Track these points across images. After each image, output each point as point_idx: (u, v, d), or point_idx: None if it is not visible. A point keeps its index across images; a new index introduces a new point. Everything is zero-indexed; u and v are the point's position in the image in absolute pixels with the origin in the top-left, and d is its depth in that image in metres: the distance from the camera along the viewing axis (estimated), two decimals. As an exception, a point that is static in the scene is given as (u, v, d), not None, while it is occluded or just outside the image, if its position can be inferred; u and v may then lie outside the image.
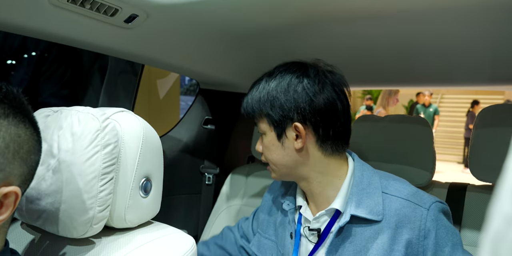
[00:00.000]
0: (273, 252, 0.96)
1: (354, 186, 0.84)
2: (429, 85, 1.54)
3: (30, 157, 0.57)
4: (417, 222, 0.78)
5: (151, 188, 0.77)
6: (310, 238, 0.88)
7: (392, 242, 0.78)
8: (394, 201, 0.81)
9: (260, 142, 0.92)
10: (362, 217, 0.80)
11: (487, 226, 0.18)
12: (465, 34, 0.93)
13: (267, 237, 1.00)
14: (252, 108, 0.89)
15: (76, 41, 1.00)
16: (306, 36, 1.07)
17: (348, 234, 0.82)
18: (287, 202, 0.95)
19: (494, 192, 0.78)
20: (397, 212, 0.80)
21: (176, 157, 1.54)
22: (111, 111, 0.76)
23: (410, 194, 0.82)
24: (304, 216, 0.89)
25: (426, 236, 0.77)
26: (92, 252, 0.69)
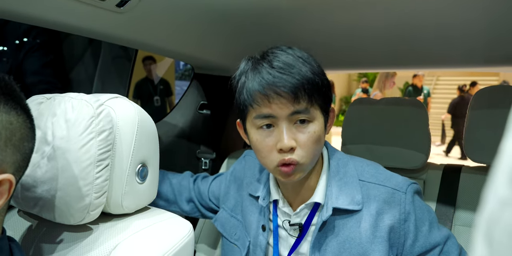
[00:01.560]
0: (237, 231, 0.95)
1: (332, 177, 0.83)
2: (425, 66, 1.54)
3: (23, 144, 0.56)
4: (396, 206, 0.79)
5: (147, 174, 0.77)
6: (290, 232, 0.86)
7: (374, 229, 0.79)
8: (371, 188, 0.81)
9: (294, 134, 0.75)
10: (343, 208, 0.79)
11: (482, 208, 0.18)
12: (461, 15, 0.92)
13: (233, 216, 0.97)
14: (306, 91, 0.73)
15: (67, 26, 0.98)
16: (301, 19, 1.06)
17: (330, 226, 0.81)
18: (261, 195, 0.90)
19: (489, 174, 0.78)
20: (376, 199, 0.80)
21: (172, 142, 1.54)
22: (105, 97, 0.75)
23: (386, 179, 0.82)
24: (283, 210, 0.87)
25: (406, 219, 0.79)
26: (90, 238, 0.70)
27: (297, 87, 0.72)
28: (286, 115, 0.73)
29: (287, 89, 0.71)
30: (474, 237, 0.18)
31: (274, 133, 0.75)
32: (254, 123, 0.77)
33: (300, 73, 0.73)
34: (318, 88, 0.75)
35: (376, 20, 0.98)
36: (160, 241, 0.69)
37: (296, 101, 0.72)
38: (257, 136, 0.77)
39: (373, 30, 1.04)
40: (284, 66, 0.73)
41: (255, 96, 0.74)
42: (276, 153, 0.75)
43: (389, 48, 1.20)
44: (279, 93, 0.72)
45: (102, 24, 0.99)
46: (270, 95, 0.72)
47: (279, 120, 0.74)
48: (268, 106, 0.73)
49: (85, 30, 1.03)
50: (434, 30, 1.01)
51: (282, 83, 0.72)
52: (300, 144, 0.74)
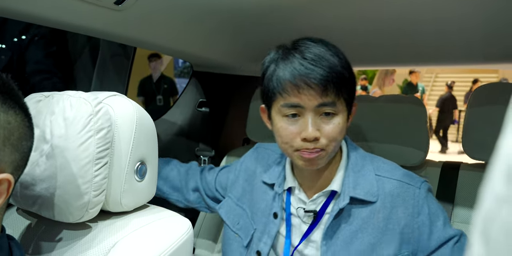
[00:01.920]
0: (240, 220, 0.95)
1: (350, 168, 0.85)
2: (425, 63, 1.54)
3: (22, 143, 0.56)
4: (410, 200, 0.81)
5: (146, 172, 0.77)
6: (304, 219, 0.88)
7: (387, 222, 0.80)
8: (387, 183, 0.83)
9: (319, 125, 0.77)
10: (360, 198, 0.81)
11: (479, 205, 0.18)
12: (460, 12, 0.92)
13: (238, 205, 0.98)
14: (334, 84, 0.75)
15: (65, 24, 0.98)
16: (300, 17, 1.05)
17: (345, 214, 0.83)
18: (276, 182, 0.91)
19: (487, 171, 0.78)
20: (390, 193, 0.82)
21: (171, 140, 1.54)
22: (103, 95, 0.75)
23: (401, 175, 0.85)
24: (299, 197, 0.89)
25: (419, 212, 0.80)
26: (89, 236, 0.70)
27: (327, 79, 0.74)
28: (313, 106, 0.76)
29: (317, 81, 0.74)
30: (471, 235, 0.18)
31: (299, 122, 0.78)
32: (281, 110, 0.79)
33: (331, 66, 0.75)
34: (346, 81, 0.77)
35: (375, 15, 0.98)
36: (159, 239, 0.70)
37: (324, 94, 0.75)
38: (282, 123, 0.80)
39: (373, 26, 1.04)
40: (315, 58, 0.75)
41: (285, 85, 0.76)
42: (299, 141, 0.78)
43: (389, 44, 1.19)
44: (309, 84, 0.74)
45: (100, 22, 0.99)
46: (301, 85, 0.74)
47: (306, 111, 0.77)
48: (297, 96, 0.76)
49: (83, 28, 1.02)
50: (432, 25, 1.01)
51: (313, 75, 0.74)
52: (324, 134, 0.77)
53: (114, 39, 1.21)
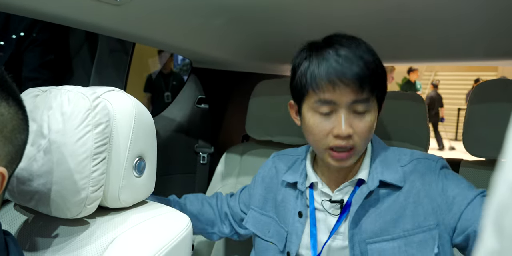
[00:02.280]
0: (270, 228, 0.96)
1: (375, 158, 0.86)
2: (425, 60, 1.53)
3: (15, 136, 0.55)
4: (427, 171, 0.83)
5: (144, 168, 0.76)
6: (330, 210, 0.87)
7: (407, 195, 0.81)
8: (408, 167, 0.84)
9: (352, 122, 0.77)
10: (388, 182, 0.82)
11: (491, 196, 0.17)
12: (462, 6, 0.91)
13: (264, 213, 0.99)
14: (369, 82, 0.76)
15: (64, 19, 0.97)
16: (299, 13, 1.05)
17: (373, 199, 0.83)
18: (299, 181, 0.91)
19: (488, 167, 0.78)
20: (413, 173, 0.83)
21: (170, 137, 1.53)
22: (101, 90, 0.74)
23: (419, 154, 0.87)
24: (323, 191, 0.88)
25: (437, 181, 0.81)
26: (87, 232, 0.69)
27: (362, 77, 0.74)
28: (347, 103, 0.76)
29: (353, 78, 0.74)
30: (482, 226, 0.17)
31: (332, 119, 0.78)
32: (313, 107, 0.79)
33: (365, 63, 0.75)
34: (379, 78, 0.78)
35: (376, 11, 0.97)
36: (158, 235, 0.69)
37: (360, 91, 0.75)
38: (314, 120, 0.80)
39: (373, 22, 1.03)
40: (350, 55, 0.75)
41: (320, 82, 0.76)
42: (331, 138, 0.78)
43: (388, 41, 1.19)
44: (345, 81, 0.74)
45: (99, 17, 0.98)
46: (336, 82, 0.75)
47: (339, 107, 0.77)
48: (331, 92, 0.76)
49: (81, 23, 1.02)
50: (433, 21, 1.00)
51: (349, 72, 0.74)
52: (357, 131, 0.77)
53: (113, 35, 1.20)
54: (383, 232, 0.81)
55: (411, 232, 0.79)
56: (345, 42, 0.78)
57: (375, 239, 0.81)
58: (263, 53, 1.48)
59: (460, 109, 8.94)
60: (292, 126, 1.35)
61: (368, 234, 0.82)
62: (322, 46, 0.79)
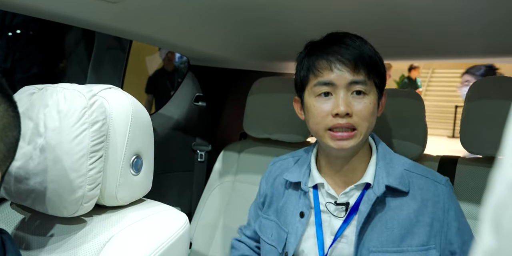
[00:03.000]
0: (273, 232, 0.96)
1: (380, 161, 0.87)
2: (422, 58, 1.53)
3: (7, 134, 0.54)
4: (440, 196, 0.83)
5: (142, 166, 0.76)
6: (335, 213, 0.87)
7: (418, 213, 0.82)
8: (415, 177, 0.85)
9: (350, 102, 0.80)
10: (393, 187, 0.82)
11: (489, 194, 0.17)
12: (459, 4, 0.91)
13: (266, 217, 0.99)
14: (366, 63, 0.80)
15: (60, 16, 0.96)
16: (298, 11, 1.04)
17: (378, 205, 0.83)
18: (302, 180, 0.91)
19: (485, 165, 0.78)
20: (420, 186, 0.84)
21: (167, 134, 1.53)
22: (98, 88, 0.74)
23: (426, 172, 0.87)
24: (328, 192, 0.88)
25: (449, 209, 0.82)
26: (84, 231, 0.69)
27: (357, 57, 0.79)
28: (345, 83, 0.79)
29: (350, 57, 0.79)
30: (481, 225, 0.17)
31: (332, 101, 0.81)
32: (314, 90, 0.83)
33: (361, 48, 0.81)
34: (376, 65, 0.82)
35: (372, 7, 0.96)
36: (155, 233, 0.69)
37: (356, 71, 0.79)
38: (315, 103, 0.83)
39: (370, 19, 1.03)
40: (346, 41, 0.82)
41: (318, 63, 0.81)
42: (331, 118, 0.80)
43: (385, 38, 1.18)
44: (341, 60, 0.79)
45: (94, 14, 0.97)
46: (333, 61, 0.80)
47: (338, 88, 0.80)
48: (329, 72, 0.80)
49: (77, 20, 1.01)
50: (431, 18, 1.00)
51: (346, 52, 0.80)
52: (356, 112, 0.80)
53: (109, 32, 1.19)
54: (389, 244, 0.81)
55: (415, 248, 0.80)
56: (342, 35, 0.84)
57: (380, 248, 0.81)
58: (261, 51, 1.47)
59: (457, 106, 8.96)
60: (290, 124, 1.35)
61: (374, 243, 0.82)
62: (324, 42, 0.85)
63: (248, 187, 1.42)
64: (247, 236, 1.10)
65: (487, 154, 1.06)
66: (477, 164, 1.10)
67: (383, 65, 0.86)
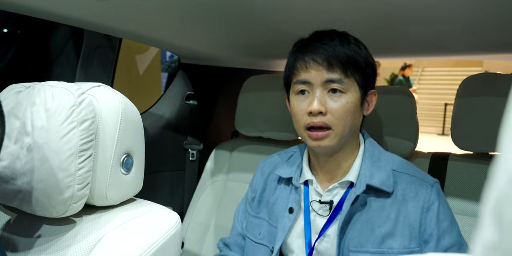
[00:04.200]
0: (261, 230, 0.95)
1: (367, 159, 0.87)
2: (410, 55, 1.54)
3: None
4: (422, 195, 0.83)
5: (132, 165, 0.75)
6: (319, 211, 0.87)
7: (398, 213, 0.82)
8: (401, 177, 0.85)
9: (325, 101, 0.81)
10: (376, 187, 0.82)
11: (489, 187, 0.17)
12: (448, 4, 0.91)
13: (255, 216, 0.98)
14: (341, 61, 0.80)
15: (48, 13, 0.95)
16: (287, 9, 1.03)
17: (359, 204, 0.84)
18: (294, 176, 0.91)
19: (476, 161, 0.78)
20: (404, 186, 0.84)
21: (158, 133, 1.51)
22: (87, 86, 0.72)
23: (415, 172, 0.87)
24: (316, 190, 0.89)
25: (429, 208, 0.82)
26: (73, 231, 0.68)
27: (331, 56, 0.81)
28: (320, 82, 0.81)
29: (323, 56, 0.81)
30: (481, 218, 0.17)
31: (309, 99, 0.83)
32: (294, 89, 0.86)
33: (337, 46, 0.82)
34: (355, 62, 0.82)
35: (362, 4, 0.96)
36: (147, 232, 0.68)
37: (331, 69, 0.80)
38: (294, 101, 0.86)
39: (359, 16, 1.03)
40: (326, 40, 0.83)
41: (296, 63, 0.85)
42: (307, 116, 0.82)
43: (374, 35, 1.18)
44: (316, 60, 0.81)
45: (83, 12, 0.96)
46: (308, 61, 0.82)
47: (314, 87, 0.82)
48: (305, 71, 0.82)
49: (66, 18, 0.99)
50: (420, 15, 1.00)
51: (320, 51, 0.81)
52: (331, 110, 0.81)
53: (98, 30, 1.17)
54: (369, 244, 0.81)
55: (396, 250, 0.80)
56: (324, 33, 0.86)
57: (359, 248, 0.81)
58: (252, 49, 1.47)
59: (447, 104, 9.04)
60: (281, 121, 1.35)
61: (354, 243, 0.82)
62: (307, 41, 0.87)
63: (240, 185, 1.41)
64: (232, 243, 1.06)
65: (478, 150, 1.07)
66: (468, 160, 1.11)
67: (368, 63, 0.85)
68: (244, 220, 1.04)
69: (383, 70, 9.07)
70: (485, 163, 1.08)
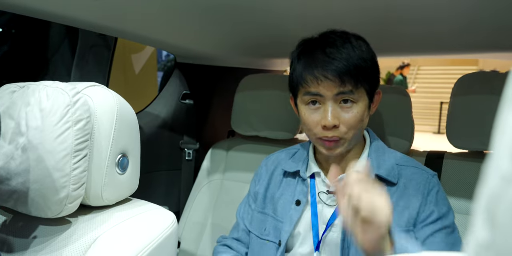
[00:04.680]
0: (266, 226, 0.95)
1: (373, 152, 0.91)
2: (408, 54, 1.54)
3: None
4: (422, 182, 0.86)
5: (128, 165, 0.75)
6: (327, 202, 0.89)
7: (399, 199, 0.85)
8: (404, 169, 0.89)
9: (338, 113, 0.82)
10: (383, 177, 0.85)
11: (481, 187, 0.17)
12: (446, 5, 0.92)
13: (259, 211, 0.98)
14: (351, 76, 0.81)
15: (42, 12, 0.94)
16: (284, 7, 1.03)
17: None
18: (301, 169, 0.94)
19: (471, 159, 0.78)
20: (407, 177, 0.88)
21: (154, 133, 1.51)
22: (82, 86, 0.72)
23: (417, 164, 0.91)
24: (324, 181, 0.91)
25: (429, 193, 0.85)
26: (68, 232, 0.68)
27: (343, 71, 0.80)
28: (332, 95, 0.82)
29: (334, 73, 0.80)
30: (473, 218, 0.17)
31: (320, 110, 0.84)
32: (303, 99, 0.86)
33: (348, 58, 0.81)
34: (364, 72, 0.82)
35: (361, 3, 0.96)
36: (142, 232, 0.68)
37: (342, 84, 0.80)
38: (305, 111, 0.86)
39: (358, 15, 1.03)
40: (334, 50, 0.81)
41: (306, 77, 0.83)
42: (320, 128, 0.83)
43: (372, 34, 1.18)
44: (327, 76, 0.80)
45: (79, 11, 0.95)
46: (319, 77, 0.81)
47: (326, 99, 0.83)
48: (316, 86, 0.82)
49: (61, 17, 0.99)
50: (419, 14, 1.00)
51: (330, 67, 0.80)
52: (343, 122, 0.82)
53: (94, 29, 1.17)
54: None
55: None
56: (333, 39, 0.84)
57: None
58: (249, 48, 1.46)
59: (442, 103, 9.07)
60: (278, 121, 1.35)
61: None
62: (313, 45, 0.85)
63: (236, 185, 1.41)
64: (234, 238, 1.05)
65: (473, 148, 1.07)
66: (463, 158, 1.11)
67: (374, 68, 0.86)
68: (246, 216, 1.04)
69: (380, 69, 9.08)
70: (480, 161, 1.08)
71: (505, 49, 1.27)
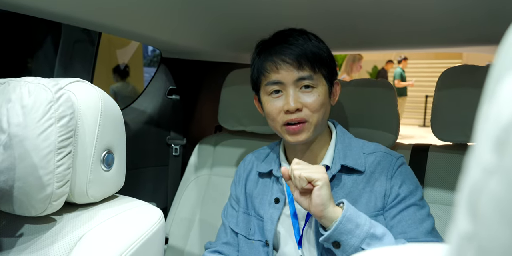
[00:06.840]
0: (251, 226, 0.96)
1: (339, 144, 0.93)
2: (393, 48, 1.55)
3: None
4: (387, 165, 0.89)
5: (113, 161, 0.74)
6: None
7: (365, 185, 0.88)
8: (370, 156, 0.91)
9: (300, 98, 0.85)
10: (349, 166, 0.88)
11: (463, 179, 0.17)
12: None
13: (246, 212, 1.00)
14: (309, 59, 0.85)
15: (26, 8, 0.92)
16: (274, 4, 1.03)
17: (337, 182, 0.89)
18: (274, 168, 0.95)
19: (455, 151, 0.79)
20: (373, 163, 0.90)
21: (140, 129, 1.50)
22: (65, 81, 0.71)
23: (384, 149, 0.94)
24: None
25: (393, 175, 0.88)
26: (54, 230, 0.67)
27: (300, 55, 0.84)
28: (292, 80, 0.85)
29: (292, 56, 0.84)
30: (456, 210, 0.17)
31: (283, 97, 0.87)
32: (265, 90, 0.89)
33: (304, 45, 0.86)
34: (320, 58, 0.86)
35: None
36: (129, 229, 0.67)
37: (301, 68, 0.84)
38: (268, 101, 0.89)
39: (337, 9, 1.03)
40: (291, 39, 0.87)
41: (266, 64, 0.87)
42: (283, 114, 0.86)
43: (352, 28, 1.19)
44: (285, 60, 0.85)
45: (62, 6, 0.93)
46: (278, 62, 0.85)
47: (287, 86, 0.86)
48: (276, 72, 0.86)
49: (44, 12, 0.97)
50: (399, 8, 1.01)
51: (288, 52, 0.85)
52: (307, 105, 0.85)
53: (77, 24, 1.15)
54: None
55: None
56: (289, 33, 0.89)
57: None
58: (234, 43, 1.45)
59: (427, 96, 9.18)
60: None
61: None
62: (271, 41, 0.90)
63: (224, 180, 1.41)
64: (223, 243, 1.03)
65: (458, 141, 1.09)
66: (448, 151, 1.13)
67: (330, 57, 0.90)
68: (231, 218, 1.04)
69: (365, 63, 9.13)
70: (464, 153, 1.10)
71: (488, 42, 1.29)
